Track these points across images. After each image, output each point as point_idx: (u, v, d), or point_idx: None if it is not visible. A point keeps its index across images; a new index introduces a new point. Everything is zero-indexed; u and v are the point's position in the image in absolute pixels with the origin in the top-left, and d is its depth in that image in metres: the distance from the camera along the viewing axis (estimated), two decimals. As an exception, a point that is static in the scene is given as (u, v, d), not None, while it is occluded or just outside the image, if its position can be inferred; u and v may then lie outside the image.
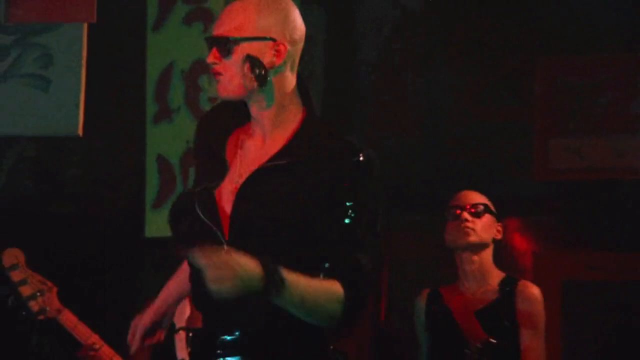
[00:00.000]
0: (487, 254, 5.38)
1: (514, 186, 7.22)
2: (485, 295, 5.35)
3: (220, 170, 3.58)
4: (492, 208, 5.39)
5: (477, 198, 5.40)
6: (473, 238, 5.30)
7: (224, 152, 3.60)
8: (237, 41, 3.51)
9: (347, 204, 3.51)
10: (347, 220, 3.51)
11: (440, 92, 7.59)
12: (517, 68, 7.36)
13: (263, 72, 3.52)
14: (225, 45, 3.52)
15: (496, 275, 5.39)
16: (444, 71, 7.55)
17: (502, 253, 7.12)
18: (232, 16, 3.55)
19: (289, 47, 3.53)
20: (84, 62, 5.37)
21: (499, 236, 5.39)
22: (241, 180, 3.54)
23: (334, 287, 3.45)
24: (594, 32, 7.27)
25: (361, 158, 3.53)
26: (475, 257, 5.35)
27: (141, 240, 6.11)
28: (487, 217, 5.35)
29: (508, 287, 5.34)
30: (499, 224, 5.39)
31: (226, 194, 3.55)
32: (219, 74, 3.54)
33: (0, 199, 7.52)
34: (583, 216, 7.22)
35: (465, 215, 5.31)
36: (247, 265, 3.26)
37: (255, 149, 3.59)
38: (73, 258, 6.76)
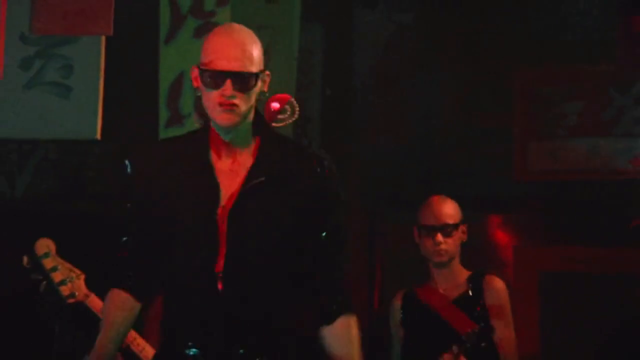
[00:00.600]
0: (456, 260, 5.35)
1: (496, 186, 7.26)
2: (456, 289, 5.32)
3: (215, 192, 3.54)
4: (459, 216, 5.34)
5: (447, 215, 5.32)
6: (446, 258, 5.29)
7: (214, 174, 3.56)
8: (256, 76, 3.52)
9: (322, 210, 3.58)
10: (323, 232, 3.59)
11: (429, 100, 7.60)
12: (499, 78, 7.39)
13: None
14: (247, 81, 3.50)
15: (464, 273, 5.36)
16: (434, 81, 7.56)
17: (485, 248, 7.25)
18: (248, 49, 3.53)
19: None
20: (101, 71, 5.37)
21: (464, 238, 5.35)
22: (227, 203, 3.52)
23: (354, 330, 3.60)
24: (567, 46, 7.32)
25: (326, 164, 3.60)
26: (445, 270, 5.33)
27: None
28: (457, 232, 5.31)
29: (475, 281, 5.32)
30: (465, 225, 5.35)
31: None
32: (235, 105, 3.50)
33: (26, 198, 7.51)
34: (559, 214, 7.27)
35: (439, 238, 5.27)
36: None
37: (228, 170, 3.57)
38: (93, 252, 6.77)
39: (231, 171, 3.57)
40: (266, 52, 3.68)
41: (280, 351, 3.57)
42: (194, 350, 3.52)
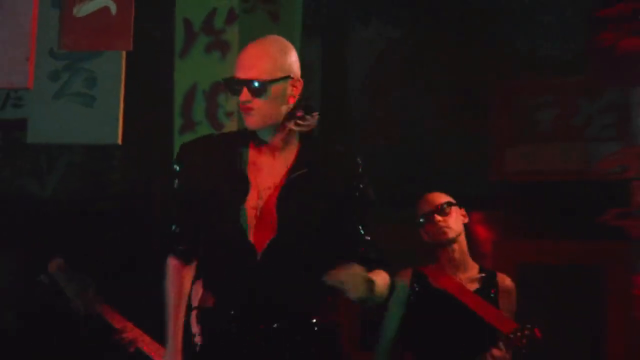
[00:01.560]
0: (463, 240, 5.20)
1: (476, 186, 7.20)
2: (471, 282, 5.17)
3: (244, 187, 3.58)
4: (453, 200, 5.24)
5: (439, 199, 5.22)
6: (451, 234, 5.14)
7: (246, 171, 3.60)
8: (269, 83, 3.53)
9: (355, 198, 3.62)
10: (356, 214, 3.62)
11: (416, 108, 7.61)
12: (479, 88, 7.39)
13: (287, 103, 3.57)
14: (258, 87, 3.52)
15: (472, 263, 5.24)
16: (420, 90, 7.56)
17: (467, 242, 7.25)
18: (259, 60, 3.55)
19: (301, 81, 3.60)
20: (122, 83, 5.36)
21: (466, 220, 5.23)
22: (269, 192, 3.57)
23: (387, 277, 3.56)
24: (542, 60, 7.33)
25: (359, 161, 3.66)
26: (456, 246, 5.16)
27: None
28: (453, 211, 5.19)
29: (488, 279, 5.19)
30: (462, 209, 5.23)
31: (261, 210, 3.57)
32: (251, 109, 3.55)
33: (54, 197, 7.54)
34: (534, 211, 7.23)
35: (437, 217, 5.13)
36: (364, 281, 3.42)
37: (268, 166, 3.60)
38: (115, 247, 6.79)
39: (269, 166, 3.61)
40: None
41: (308, 329, 3.58)
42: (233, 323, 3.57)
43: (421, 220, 5.20)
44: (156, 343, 4.72)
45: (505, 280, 5.26)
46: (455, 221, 5.18)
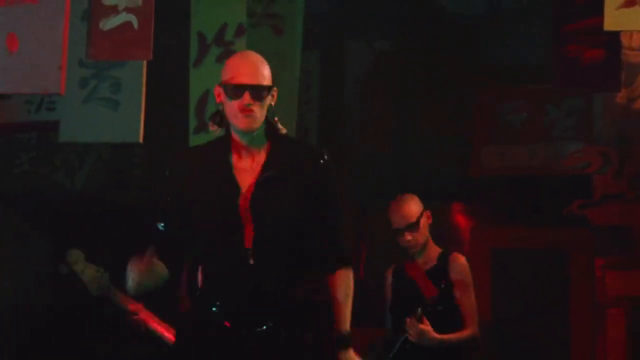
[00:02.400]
0: (426, 233, 5.25)
1: (457, 181, 7.28)
2: (429, 263, 5.22)
3: (234, 193, 3.53)
4: (420, 210, 5.24)
5: (409, 216, 5.21)
6: (417, 248, 5.22)
7: (235, 177, 3.56)
8: (268, 89, 3.56)
9: (322, 191, 3.58)
10: (325, 206, 3.59)
11: (405, 112, 7.60)
12: (460, 95, 7.38)
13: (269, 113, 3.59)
14: (261, 92, 3.53)
15: (435, 248, 5.28)
16: (408, 97, 7.57)
17: (449, 229, 7.24)
18: (260, 68, 3.57)
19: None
20: (143, 89, 5.39)
21: (430, 221, 5.26)
22: (247, 193, 3.52)
23: (351, 281, 3.62)
24: (514, 70, 7.33)
25: (324, 156, 3.62)
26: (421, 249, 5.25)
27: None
28: (421, 223, 5.22)
29: (442, 258, 5.23)
30: (427, 212, 5.26)
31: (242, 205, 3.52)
32: (252, 111, 3.52)
33: (83, 190, 7.54)
34: (507, 202, 7.24)
35: (407, 236, 5.19)
36: None
37: (248, 168, 3.57)
38: (138, 233, 6.74)
39: (251, 168, 3.58)
40: (274, 75, 3.68)
41: (300, 320, 3.56)
42: (214, 307, 3.52)
43: (394, 233, 5.26)
44: (165, 323, 4.73)
45: (456, 258, 5.26)
46: (421, 233, 5.22)
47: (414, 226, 5.19)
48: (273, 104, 3.62)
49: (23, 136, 7.41)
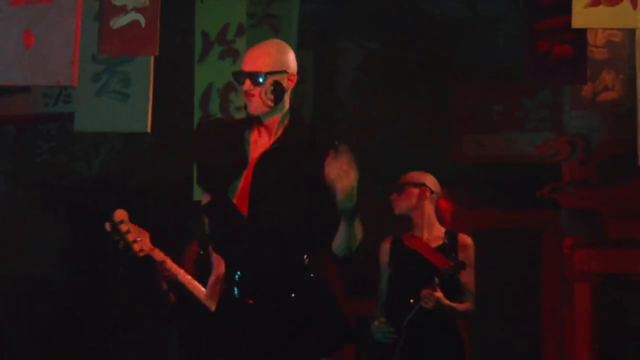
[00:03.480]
0: (427, 210, 5.18)
1: (440, 167, 6.79)
2: (435, 240, 5.15)
3: (242, 164, 3.48)
4: (415, 181, 5.20)
5: (402, 178, 5.21)
6: (397, 210, 5.17)
7: (248, 150, 3.51)
8: (266, 75, 3.46)
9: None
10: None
11: (392, 106, 7.57)
12: (443, 90, 7.35)
13: (281, 94, 3.47)
14: (257, 78, 3.46)
15: (440, 228, 5.21)
16: (395, 92, 7.52)
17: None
18: (259, 56, 3.50)
19: (296, 77, 3.53)
20: (151, 82, 5.36)
21: (423, 198, 5.18)
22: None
23: (361, 230, 3.42)
24: (491, 66, 7.27)
25: (336, 143, 3.42)
26: (418, 214, 5.15)
27: (191, 202, 6.07)
28: (407, 191, 5.17)
29: (450, 236, 5.17)
30: (419, 188, 5.19)
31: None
32: (253, 96, 3.47)
33: (99, 176, 7.53)
34: (486, 186, 7.22)
35: (393, 195, 5.17)
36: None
37: (262, 145, 3.50)
38: (150, 216, 6.73)
39: (264, 145, 3.51)
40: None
41: (302, 272, 3.47)
42: (238, 274, 3.45)
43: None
44: (188, 275, 4.63)
45: (464, 238, 5.23)
46: (405, 200, 5.16)
47: (398, 188, 5.15)
48: (289, 87, 3.51)
49: (43, 127, 7.40)
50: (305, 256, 3.45)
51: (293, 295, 3.43)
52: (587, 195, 6.90)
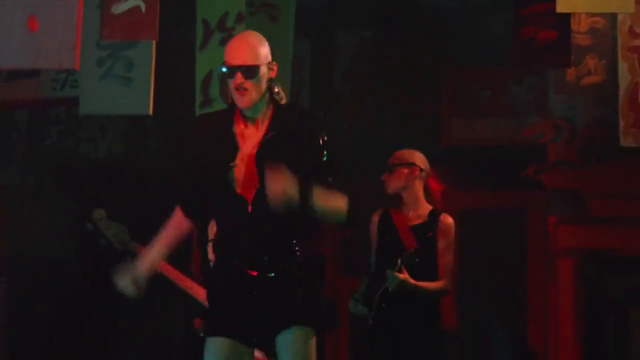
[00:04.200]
0: (415, 189, 5.14)
1: (430, 149, 6.79)
2: (418, 219, 5.09)
3: (232, 153, 3.42)
4: (405, 161, 5.13)
5: (393, 159, 5.15)
6: (389, 190, 5.11)
7: (235, 141, 3.45)
8: (258, 67, 3.39)
9: (319, 148, 3.42)
10: (324, 159, 3.42)
11: (385, 91, 7.44)
12: (433, 75, 7.26)
13: (270, 86, 3.43)
14: (251, 71, 3.38)
15: (426, 207, 5.15)
16: (387, 78, 7.42)
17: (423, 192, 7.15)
18: (248, 50, 3.41)
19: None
20: (152, 68, 5.32)
21: (411, 178, 5.14)
22: (250, 154, 3.40)
23: (343, 197, 3.37)
24: (480, 53, 7.16)
25: (321, 116, 3.50)
26: (406, 193, 5.10)
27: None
28: (397, 171, 5.11)
29: (432, 216, 5.10)
30: (409, 168, 5.14)
31: (240, 167, 3.40)
32: (245, 89, 3.39)
33: (106, 158, 7.47)
34: (474, 168, 7.13)
35: (384, 175, 5.11)
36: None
37: (251, 135, 3.45)
38: (153, 194, 6.70)
39: (253, 134, 3.45)
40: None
41: (294, 262, 3.42)
42: (237, 260, 3.42)
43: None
44: (185, 275, 4.65)
45: (446, 218, 5.15)
46: (395, 180, 5.09)
47: (391, 168, 5.07)
48: (273, 76, 3.46)
49: (52, 111, 7.35)
50: (294, 241, 3.41)
51: (278, 270, 3.41)
52: (570, 176, 6.85)
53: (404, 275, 4.83)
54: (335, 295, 6.45)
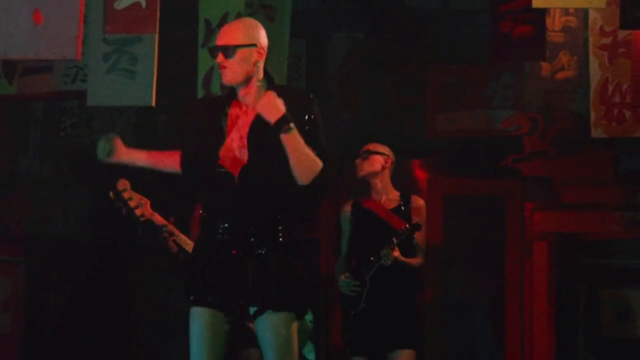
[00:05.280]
0: (384, 176, 5.10)
1: (416, 141, 7.01)
2: (391, 203, 5.06)
3: (220, 138, 3.35)
4: (379, 151, 5.12)
5: (369, 147, 5.13)
6: (362, 173, 5.10)
7: (225, 125, 3.36)
8: (236, 47, 3.33)
9: (309, 120, 3.32)
10: (309, 136, 3.30)
11: (374, 87, 7.32)
12: (419, 72, 7.13)
13: (252, 65, 3.33)
14: (227, 51, 3.33)
15: (394, 192, 5.12)
16: (377, 76, 7.31)
17: (410, 180, 7.04)
18: (229, 32, 3.38)
19: (265, 51, 3.38)
20: (155, 62, 5.20)
21: (386, 165, 5.11)
22: (243, 132, 3.33)
23: (317, 159, 3.28)
24: (461, 51, 7.03)
25: (311, 96, 3.42)
26: (377, 180, 5.08)
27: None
28: (371, 158, 5.09)
29: (404, 199, 5.08)
30: (382, 157, 5.12)
31: (236, 146, 3.32)
32: (225, 67, 3.35)
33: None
34: (456, 158, 7.04)
35: (358, 160, 5.11)
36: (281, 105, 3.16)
37: (247, 117, 3.38)
38: (159, 183, 6.59)
39: (245, 114, 3.37)
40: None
41: (277, 235, 3.31)
42: (224, 225, 3.30)
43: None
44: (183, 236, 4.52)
45: (417, 200, 5.13)
46: (369, 165, 5.06)
47: (365, 155, 5.04)
48: (259, 59, 3.35)
49: (66, 104, 7.23)
50: (280, 226, 3.31)
51: (261, 251, 3.30)
52: (544, 165, 6.77)
53: (397, 253, 4.81)
54: (329, 278, 6.31)
